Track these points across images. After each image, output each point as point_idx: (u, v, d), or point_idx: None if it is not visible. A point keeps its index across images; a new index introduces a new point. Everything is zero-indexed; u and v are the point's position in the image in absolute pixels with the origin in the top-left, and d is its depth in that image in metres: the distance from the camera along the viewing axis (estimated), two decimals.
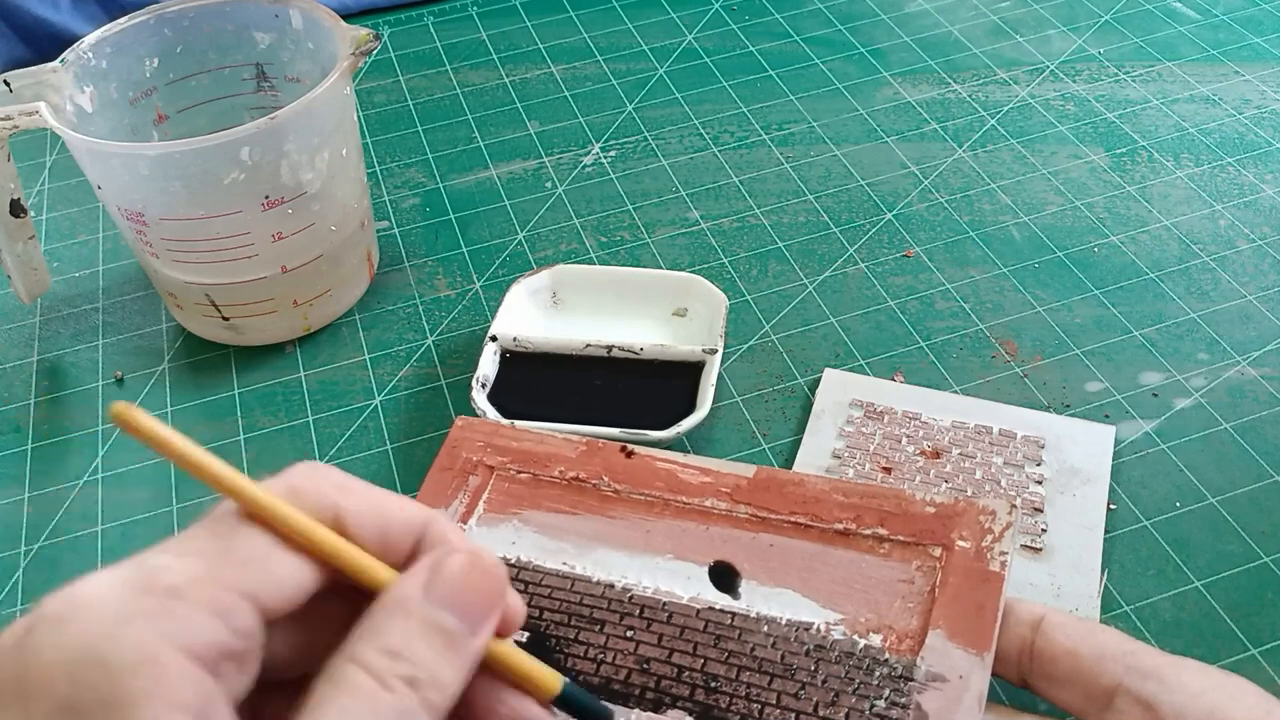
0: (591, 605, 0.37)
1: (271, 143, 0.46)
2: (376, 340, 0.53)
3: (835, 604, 0.36)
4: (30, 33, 0.71)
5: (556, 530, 0.40)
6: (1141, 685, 0.30)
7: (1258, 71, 0.66)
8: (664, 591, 0.37)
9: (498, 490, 0.41)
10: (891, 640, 0.35)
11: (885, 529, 0.38)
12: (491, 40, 0.73)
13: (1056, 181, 0.59)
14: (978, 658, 0.33)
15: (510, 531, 0.40)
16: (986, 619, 0.34)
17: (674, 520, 0.39)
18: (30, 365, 0.53)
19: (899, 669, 0.34)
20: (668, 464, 0.41)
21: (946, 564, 0.36)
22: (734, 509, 0.39)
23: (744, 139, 0.63)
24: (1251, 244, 0.55)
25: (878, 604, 0.36)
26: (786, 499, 0.39)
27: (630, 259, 0.56)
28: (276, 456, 0.48)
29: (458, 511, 0.41)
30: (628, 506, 0.40)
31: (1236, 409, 0.47)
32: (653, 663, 0.35)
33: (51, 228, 0.61)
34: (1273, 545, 0.42)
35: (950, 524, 0.37)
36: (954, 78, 0.67)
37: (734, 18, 0.73)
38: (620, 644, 0.36)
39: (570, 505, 0.40)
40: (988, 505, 0.37)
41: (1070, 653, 0.32)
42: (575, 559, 0.39)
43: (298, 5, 0.51)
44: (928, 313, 0.52)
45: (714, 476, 0.40)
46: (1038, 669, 0.32)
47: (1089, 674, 0.31)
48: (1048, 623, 0.33)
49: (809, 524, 0.38)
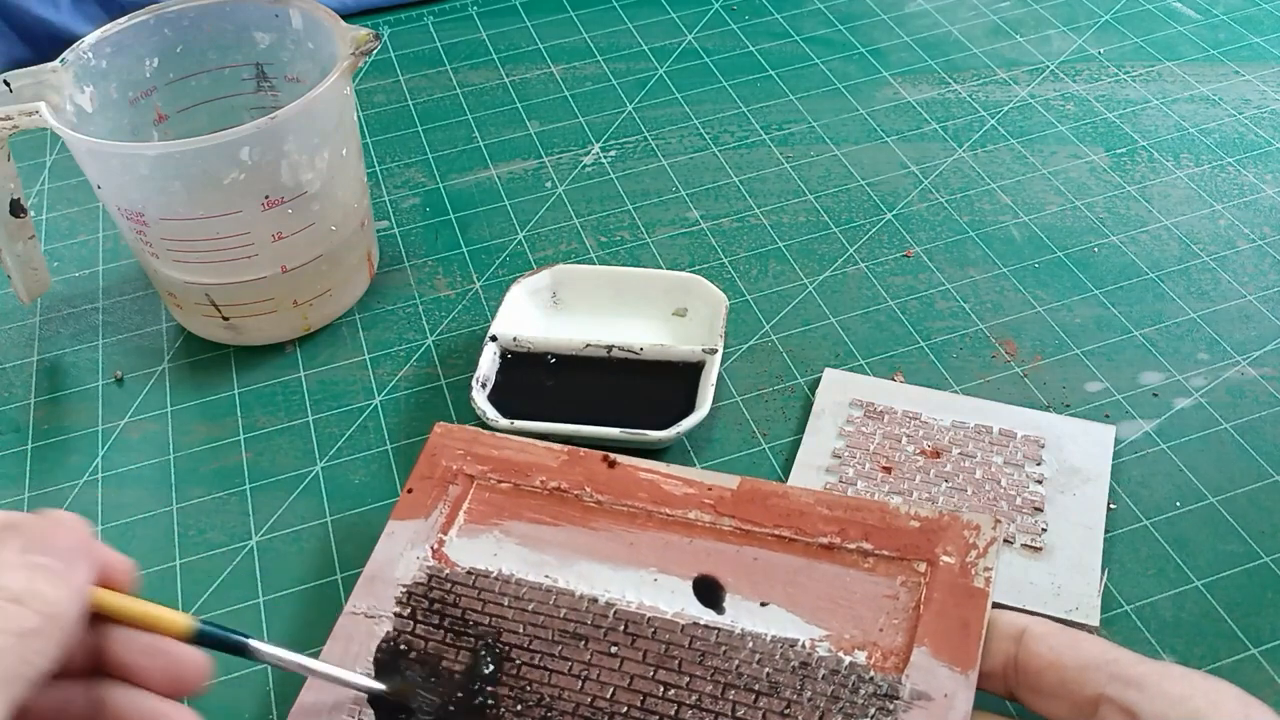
0: (575, 620, 0.37)
1: (271, 143, 0.46)
2: (376, 340, 0.53)
3: (820, 620, 0.36)
4: (30, 33, 0.71)
5: (538, 542, 0.39)
6: (1123, 694, 0.30)
7: (1258, 71, 0.66)
8: (648, 606, 0.37)
9: (478, 500, 0.41)
10: (876, 657, 0.34)
11: (870, 543, 0.37)
12: (491, 40, 0.73)
13: (1056, 181, 0.59)
14: (962, 676, 0.33)
15: (491, 543, 0.39)
16: (971, 636, 0.34)
17: (657, 532, 0.39)
18: (30, 365, 0.53)
19: (884, 687, 0.34)
20: (650, 474, 0.41)
21: (931, 579, 0.36)
22: (718, 521, 0.39)
23: (744, 139, 0.63)
24: (1251, 244, 0.55)
25: (862, 620, 0.36)
26: (771, 511, 0.39)
27: (630, 259, 0.56)
28: (276, 456, 0.48)
29: (438, 522, 0.40)
30: (610, 518, 0.40)
31: (1236, 409, 0.47)
32: (638, 680, 0.35)
33: (51, 228, 0.61)
34: (1273, 545, 0.42)
35: (935, 539, 0.37)
36: (954, 78, 0.67)
37: (734, 18, 0.73)
38: (605, 660, 0.36)
39: (552, 516, 0.40)
40: (973, 520, 0.37)
41: (1053, 664, 0.32)
42: (558, 572, 0.38)
43: (298, 5, 0.51)
44: (928, 313, 0.52)
45: (697, 488, 0.40)
46: (1023, 682, 0.32)
47: (1073, 684, 0.31)
48: (1030, 634, 0.33)
49: (793, 537, 0.38)
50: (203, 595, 0.43)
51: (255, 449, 0.49)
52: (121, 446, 0.49)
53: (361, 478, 0.47)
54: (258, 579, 0.44)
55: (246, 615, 0.42)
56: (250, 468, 0.48)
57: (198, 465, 0.48)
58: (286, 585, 0.43)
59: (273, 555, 0.44)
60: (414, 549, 0.39)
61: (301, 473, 0.47)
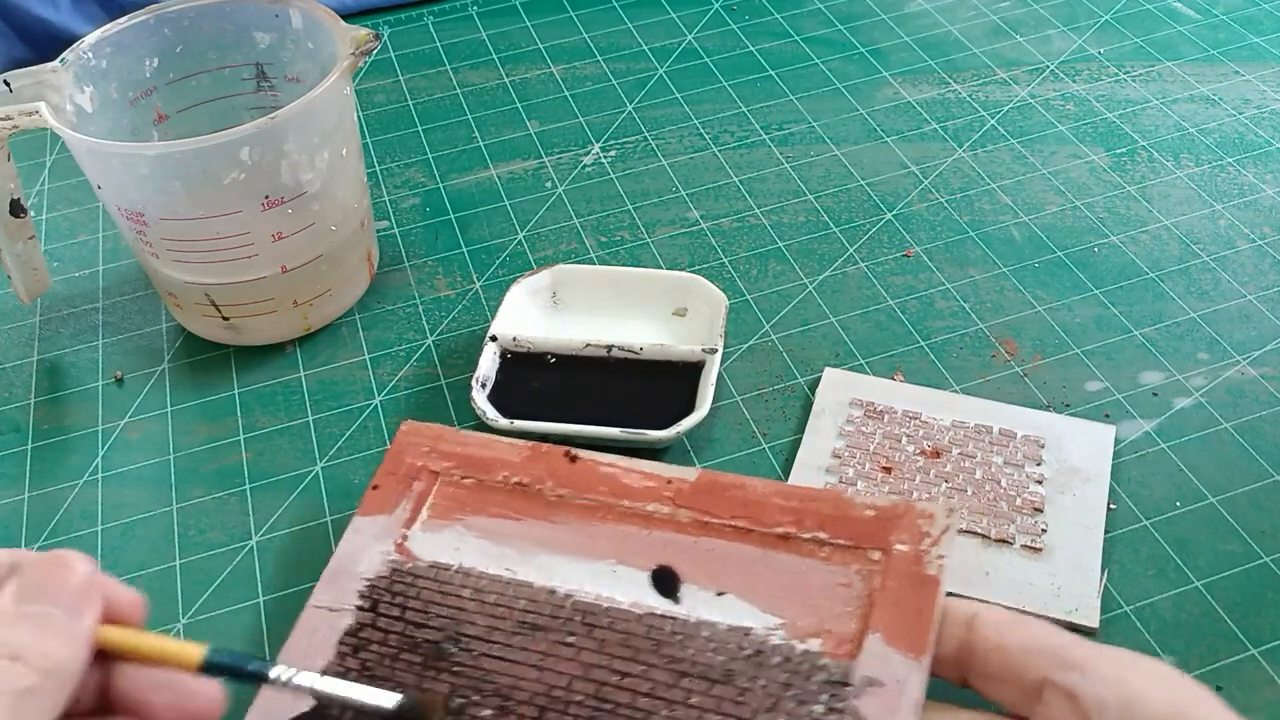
0: (534, 611, 0.37)
1: (271, 143, 0.46)
2: (376, 340, 0.53)
3: (775, 608, 0.36)
4: (30, 33, 0.71)
5: (500, 536, 0.40)
6: (1065, 677, 0.30)
7: (1258, 71, 0.66)
8: (605, 597, 0.37)
9: (442, 495, 0.41)
10: (830, 645, 0.35)
11: (825, 533, 0.38)
12: (491, 40, 0.73)
13: (1056, 181, 0.59)
14: (915, 662, 0.33)
15: (454, 537, 0.40)
16: (924, 623, 0.34)
17: (616, 525, 0.39)
18: (30, 365, 0.53)
19: (837, 674, 0.34)
20: (611, 468, 0.41)
21: (885, 568, 0.36)
22: (676, 513, 0.39)
23: (744, 139, 0.63)
24: (1251, 244, 0.55)
25: (817, 607, 0.36)
26: (728, 503, 0.39)
27: (630, 259, 0.56)
28: (276, 456, 0.48)
29: (401, 517, 0.40)
30: (571, 511, 0.40)
31: (1236, 409, 0.47)
32: (594, 669, 0.35)
33: (51, 228, 0.61)
34: (1273, 545, 0.42)
35: (889, 528, 0.37)
36: (954, 78, 0.67)
37: (734, 18, 0.73)
38: (562, 649, 0.36)
39: (514, 510, 0.40)
40: (926, 509, 0.37)
41: (999, 648, 0.32)
42: (518, 564, 0.39)
43: (298, 5, 0.51)
44: (928, 312, 0.52)
45: (657, 481, 0.40)
46: (973, 667, 0.33)
47: (1019, 668, 0.31)
48: (980, 620, 0.33)
49: (749, 528, 0.38)
50: (203, 595, 0.43)
51: (255, 449, 0.49)
52: (121, 446, 0.49)
53: (361, 478, 0.47)
54: (258, 579, 0.44)
55: (246, 615, 0.42)
56: (250, 468, 0.48)
57: (198, 465, 0.48)
58: (286, 585, 0.43)
59: (273, 555, 0.44)
60: (378, 543, 0.40)
61: (301, 473, 0.47)
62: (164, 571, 0.44)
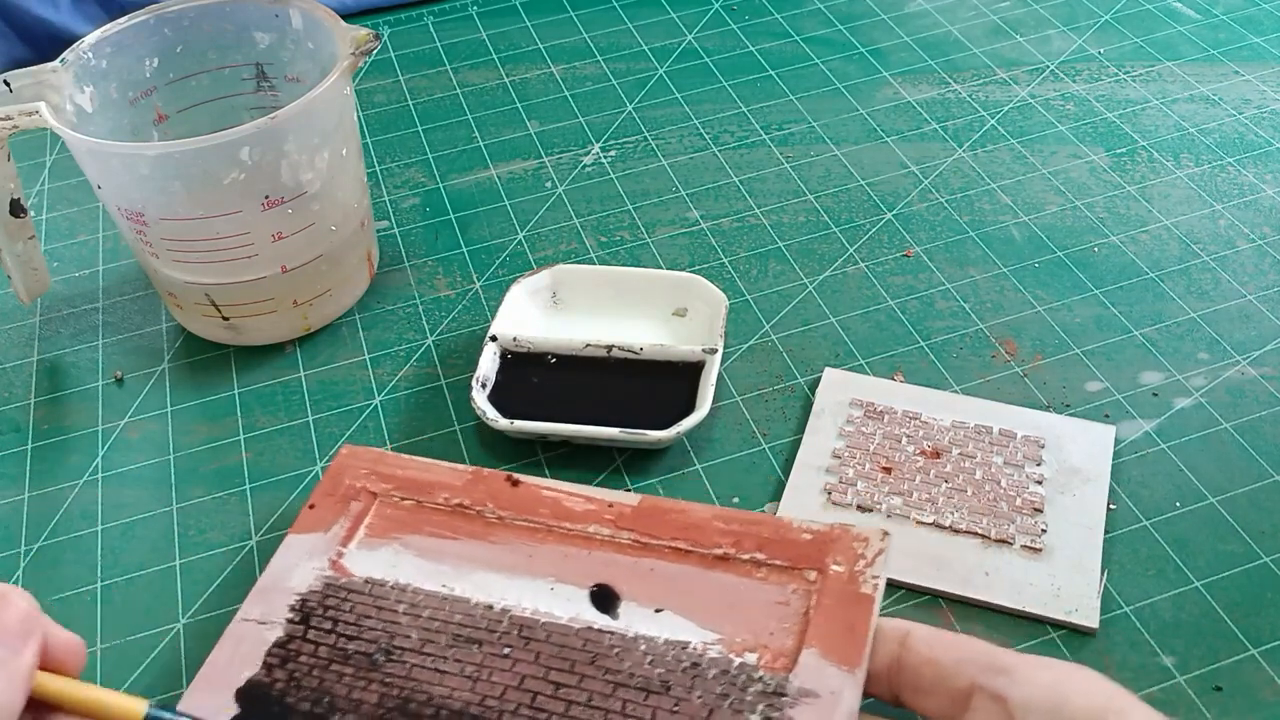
0: (469, 625, 0.37)
1: (271, 143, 0.46)
2: (376, 340, 0.53)
3: (713, 624, 0.36)
4: (30, 33, 0.71)
5: (437, 554, 0.40)
6: (993, 681, 0.31)
7: (1258, 71, 0.66)
8: (543, 612, 0.37)
9: (379, 515, 0.41)
10: (766, 658, 0.35)
11: (763, 554, 0.38)
12: (491, 40, 0.73)
13: (1056, 181, 0.59)
14: (849, 674, 0.34)
15: (390, 555, 0.40)
16: (858, 637, 0.35)
17: (557, 545, 0.40)
18: (30, 365, 0.53)
19: (772, 685, 0.34)
20: (553, 492, 0.41)
21: (821, 587, 0.37)
22: (617, 535, 0.40)
23: (744, 139, 0.63)
24: (1251, 244, 0.55)
25: (754, 625, 0.36)
26: (669, 525, 0.39)
27: (630, 259, 0.56)
28: (276, 456, 0.48)
29: (338, 535, 0.40)
30: (511, 532, 0.40)
31: (1236, 409, 0.47)
32: (529, 680, 0.35)
33: (51, 228, 0.61)
34: (1273, 545, 0.42)
35: (825, 549, 0.38)
36: (954, 78, 0.67)
37: (734, 18, 0.73)
38: (497, 662, 0.36)
39: (452, 530, 0.40)
40: (861, 532, 0.38)
41: (931, 661, 0.32)
42: (455, 581, 0.39)
43: (298, 5, 0.51)
44: (928, 312, 0.52)
45: (598, 505, 0.40)
46: (905, 681, 0.33)
47: (949, 679, 0.32)
48: (912, 636, 0.33)
49: (689, 549, 0.39)
50: (203, 595, 0.43)
51: (255, 449, 0.49)
52: (121, 446, 0.49)
53: None
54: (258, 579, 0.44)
55: None
56: (250, 468, 0.48)
57: (198, 465, 0.48)
58: None
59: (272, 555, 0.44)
60: (311, 560, 0.40)
61: (301, 473, 0.47)
62: (164, 571, 0.44)
